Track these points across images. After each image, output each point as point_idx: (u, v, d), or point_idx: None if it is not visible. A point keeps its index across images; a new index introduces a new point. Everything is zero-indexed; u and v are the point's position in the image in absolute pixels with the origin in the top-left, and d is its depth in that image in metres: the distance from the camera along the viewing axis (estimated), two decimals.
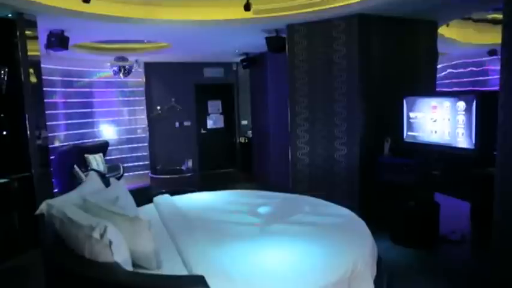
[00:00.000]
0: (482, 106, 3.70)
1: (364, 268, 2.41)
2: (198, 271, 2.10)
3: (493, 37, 6.61)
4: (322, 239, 2.69)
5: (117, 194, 2.94)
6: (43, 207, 2.49)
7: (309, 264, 2.33)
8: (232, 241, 2.68)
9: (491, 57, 7.51)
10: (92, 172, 3.38)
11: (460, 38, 6.75)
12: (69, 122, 7.30)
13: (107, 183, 3.25)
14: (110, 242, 1.99)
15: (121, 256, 2.05)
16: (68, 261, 2.12)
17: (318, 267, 2.29)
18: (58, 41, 4.98)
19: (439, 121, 4.21)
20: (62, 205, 2.42)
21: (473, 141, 3.78)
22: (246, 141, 9.25)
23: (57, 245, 2.31)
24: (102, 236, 1.99)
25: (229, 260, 2.32)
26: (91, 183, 3.10)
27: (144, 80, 8.46)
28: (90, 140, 7.57)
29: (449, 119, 4.07)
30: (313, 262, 2.35)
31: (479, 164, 3.76)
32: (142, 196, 4.45)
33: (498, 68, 3.12)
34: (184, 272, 2.18)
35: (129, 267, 2.09)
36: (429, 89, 5.33)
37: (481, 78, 8.04)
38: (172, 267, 2.26)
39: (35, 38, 4.37)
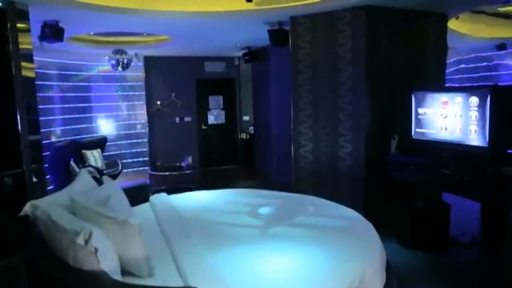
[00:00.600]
0: (496, 101, 3.51)
1: (373, 276, 2.24)
2: (193, 280, 1.94)
3: (503, 31, 6.40)
4: (327, 243, 2.53)
5: (109, 193, 2.77)
6: (27, 208, 2.33)
7: (313, 271, 2.16)
8: (230, 245, 2.52)
9: (501, 52, 7.27)
10: (83, 170, 3.20)
11: (470, 31, 6.53)
12: (66, 116, 7.10)
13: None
14: (96, 250, 1.81)
15: (108, 264, 1.87)
16: (51, 268, 1.94)
17: (323, 275, 2.11)
18: (52, 32, 4.79)
19: (449, 117, 4.01)
20: (47, 206, 2.25)
21: (487, 139, 3.59)
22: (248, 137, 9.08)
23: (41, 249, 2.13)
24: (86, 242, 1.80)
25: (227, 267, 2.16)
26: (82, 182, 2.93)
27: (144, 74, 8.27)
28: (88, 136, 7.37)
29: (461, 115, 3.88)
30: (317, 269, 2.18)
31: (492, 162, 3.57)
32: (139, 194, 4.30)
33: (508, 62, 2.93)
34: (178, 280, 2.01)
35: (117, 276, 1.91)
36: (439, 83, 5.13)
37: (489, 73, 7.79)
38: (165, 274, 2.09)
39: (27, 29, 4.17)
